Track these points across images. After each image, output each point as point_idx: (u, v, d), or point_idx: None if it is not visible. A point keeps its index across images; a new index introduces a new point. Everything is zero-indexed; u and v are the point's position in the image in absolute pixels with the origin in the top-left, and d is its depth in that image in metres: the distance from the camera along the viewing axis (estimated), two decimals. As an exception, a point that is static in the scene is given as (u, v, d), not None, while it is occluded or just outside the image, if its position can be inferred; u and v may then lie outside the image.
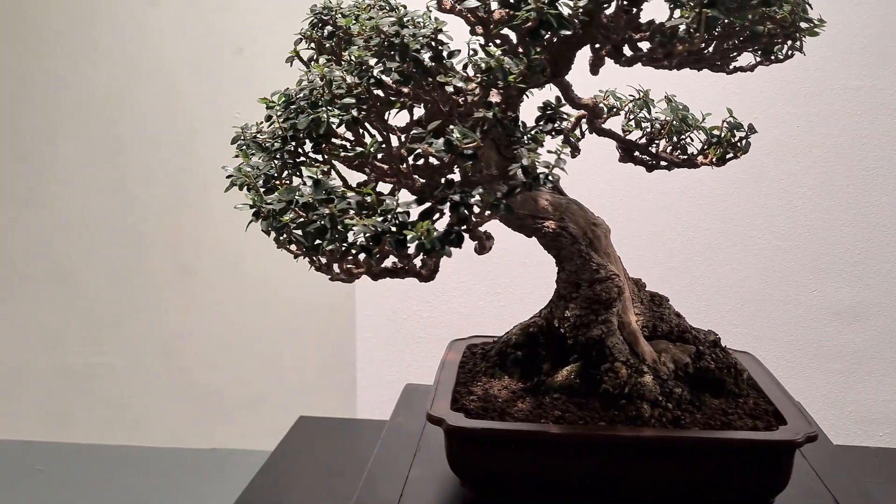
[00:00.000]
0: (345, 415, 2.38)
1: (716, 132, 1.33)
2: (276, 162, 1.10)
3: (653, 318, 1.25)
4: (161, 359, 2.45)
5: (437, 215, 0.91)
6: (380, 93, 0.98)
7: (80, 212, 2.39)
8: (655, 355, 1.19)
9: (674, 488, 1.09)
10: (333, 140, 1.15)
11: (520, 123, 0.93)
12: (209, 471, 2.44)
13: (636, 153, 1.38)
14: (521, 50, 1.00)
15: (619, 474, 1.09)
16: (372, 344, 2.35)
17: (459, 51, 0.98)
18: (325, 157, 1.15)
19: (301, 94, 1.07)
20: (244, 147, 1.17)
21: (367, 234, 0.84)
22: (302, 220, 0.99)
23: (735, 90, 2.04)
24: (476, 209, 0.89)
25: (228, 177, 1.16)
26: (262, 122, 1.25)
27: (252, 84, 2.29)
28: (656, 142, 1.35)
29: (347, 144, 1.14)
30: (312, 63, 1.29)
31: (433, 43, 0.95)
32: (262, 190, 1.03)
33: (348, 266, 0.96)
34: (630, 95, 1.36)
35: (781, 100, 2.11)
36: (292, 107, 1.10)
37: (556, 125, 0.92)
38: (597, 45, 1.03)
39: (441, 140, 0.89)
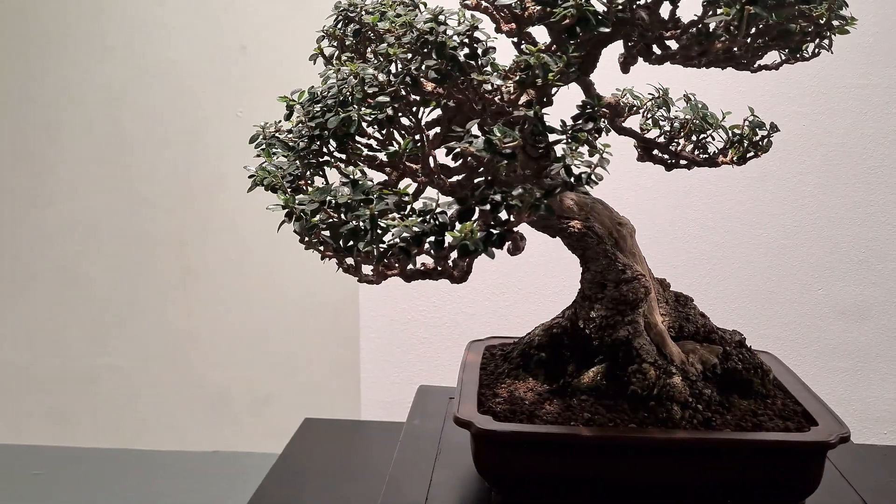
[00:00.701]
0: (349, 416, 2.36)
1: (737, 131, 1.32)
2: (299, 162, 1.08)
3: (679, 318, 1.24)
4: (166, 360, 2.43)
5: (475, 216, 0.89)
6: (412, 91, 0.96)
7: (84, 212, 2.36)
8: (683, 356, 1.18)
9: (705, 491, 1.08)
10: (358, 140, 1.14)
11: (560, 122, 0.91)
12: (215, 474, 2.41)
13: (655, 152, 1.37)
14: (554, 48, 0.98)
15: (649, 477, 1.08)
16: (376, 345, 2.33)
17: (494, 48, 0.96)
18: (349, 157, 1.14)
19: (330, 92, 1.05)
20: (266, 146, 1.15)
21: (409, 236, 0.82)
22: (332, 220, 0.98)
23: (740, 89, 2.03)
24: (516, 210, 0.88)
25: (251, 177, 1.14)
26: (279, 121, 1.23)
27: (256, 83, 2.27)
28: (676, 140, 1.35)
29: (373, 144, 1.12)
30: (335, 61, 1.27)
31: (468, 40, 0.93)
32: (289, 190, 1.01)
33: (381, 268, 0.94)
34: (649, 94, 1.35)
35: (787, 99, 2.12)
36: (318, 105, 1.08)
37: (596, 124, 0.90)
38: (630, 43, 1.02)
39: (481, 139, 0.88)
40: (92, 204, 2.36)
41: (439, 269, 0.96)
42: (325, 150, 1.11)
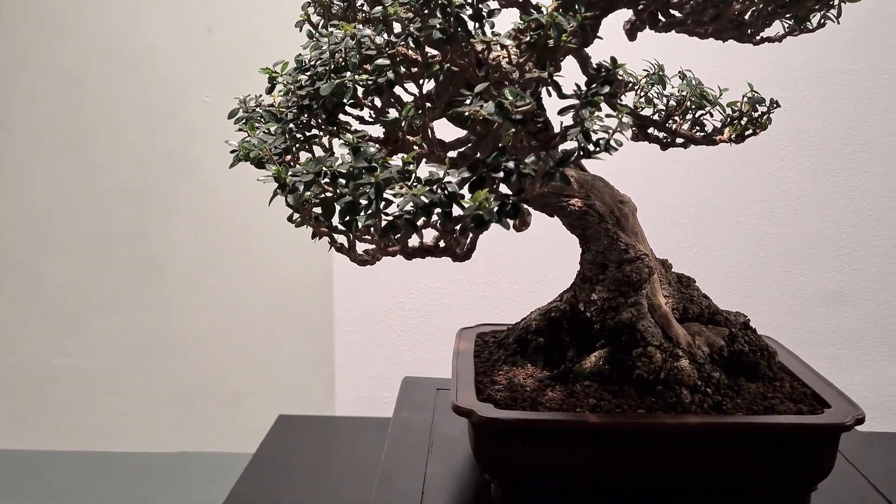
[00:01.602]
0: (324, 412, 2.28)
1: (735, 107, 1.28)
2: (287, 135, 1.01)
3: (682, 299, 1.20)
4: (128, 359, 2.31)
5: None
6: (413, 55, 0.90)
7: (40, 203, 2.24)
8: (689, 338, 1.13)
9: (718, 478, 1.03)
10: (349, 112, 1.07)
11: (574, 85, 0.86)
12: (182, 476, 2.31)
13: (651, 130, 1.32)
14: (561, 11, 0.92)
15: (659, 465, 1.03)
16: (352, 339, 2.25)
17: (499, 10, 0.90)
18: (338, 131, 1.07)
19: (322, 58, 0.98)
20: (250, 119, 1.07)
21: (419, 206, 0.75)
22: (326, 195, 0.91)
23: (722, 73, 1.99)
24: (528, 179, 0.82)
25: (233, 152, 1.06)
26: (260, 96, 1.16)
27: (223, 67, 2.18)
28: (673, 118, 1.30)
29: (366, 116, 1.05)
30: (320, 29, 1.20)
31: (474, 1, 0.87)
32: (279, 162, 0.93)
33: (382, 244, 0.87)
34: (644, 70, 1.30)
35: (768, 83, 2.08)
36: (307, 73, 1.01)
37: (612, 87, 0.85)
38: (640, 7, 0.96)
39: (491, 103, 0.81)
40: (48, 195, 2.24)
41: (443, 245, 0.89)
42: (313, 122, 1.04)
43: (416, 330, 2.24)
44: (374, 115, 1.04)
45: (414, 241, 0.91)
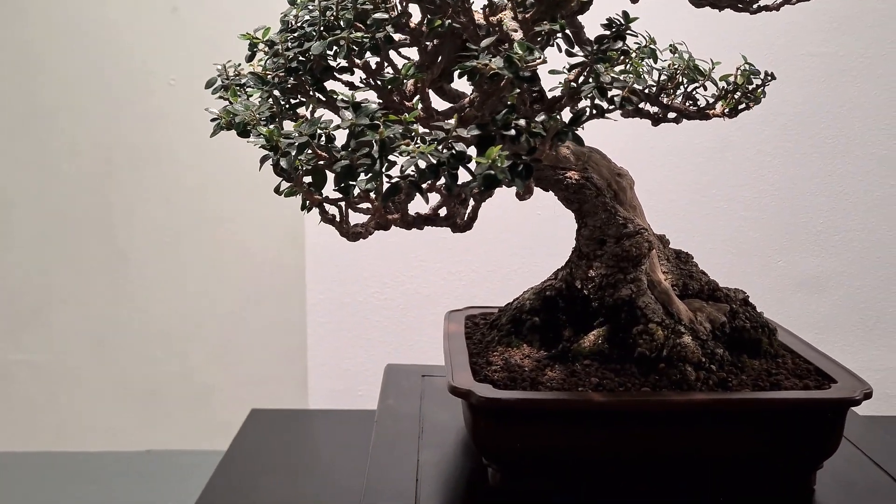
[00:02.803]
0: (296, 406, 2.21)
1: (730, 80, 1.25)
2: (272, 100, 0.95)
3: (682, 275, 1.16)
4: (89, 354, 2.21)
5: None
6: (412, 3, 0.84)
7: (-6, 190, 2.13)
8: (691, 315, 1.10)
9: (724, 456, 1.00)
10: (336, 76, 1.01)
11: (586, 40, 0.81)
12: (149, 475, 2.22)
13: (642, 105, 1.28)
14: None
15: (664, 442, 0.99)
16: (325, 330, 2.19)
17: (502, -36, 0.85)
18: (326, 97, 1.01)
19: (307, 19, 0.92)
20: (230, 87, 1.01)
21: (427, 166, 0.70)
22: (318, 160, 0.85)
23: (698, 55, 1.98)
24: (539, 138, 0.77)
25: (213, 119, 1.00)
26: (240, 64, 1.10)
27: (189, 48, 2.10)
28: (666, 91, 1.26)
29: (356, 82, 1.00)
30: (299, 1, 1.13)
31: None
32: (268, 126, 0.87)
33: (382, 212, 0.82)
34: (635, 43, 1.26)
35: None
36: (294, 34, 0.95)
37: (624, 42, 0.80)
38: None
39: (499, 58, 0.76)
40: (2, 181, 2.14)
41: (448, 213, 0.84)
42: (300, 88, 0.98)
43: (391, 320, 2.18)
44: (365, 79, 0.99)
45: (414, 208, 0.86)
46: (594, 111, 0.77)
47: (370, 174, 0.75)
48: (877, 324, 2.17)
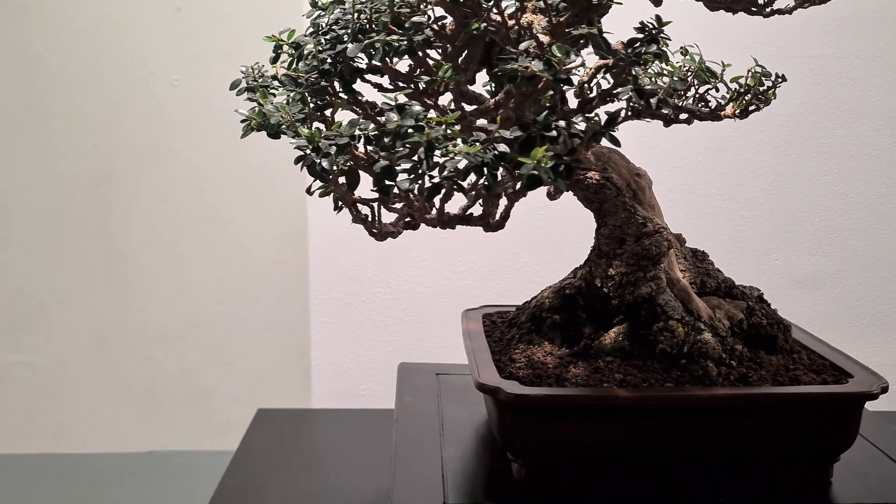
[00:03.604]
0: (298, 405, 2.21)
1: (740, 81, 1.27)
2: (304, 102, 0.96)
3: (699, 273, 1.18)
4: (89, 354, 2.20)
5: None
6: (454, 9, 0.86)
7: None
8: (710, 312, 1.12)
9: (744, 450, 1.02)
10: (367, 77, 1.02)
11: (619, 43, 0.83)
12: (150, 476, 2.22)
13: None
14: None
15: (688, 437, 1.01)
16: (328, 330, 2.19)
17: (536, -32, 0.87)
18: (354, 99, 1.02)
19: (344, 18, 0.93)
20: (261, 88, 1.02)
21: (474, 165, 0.72)
22: (355, 161, 0.86)
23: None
24: (577, 139, 0.79)
25: (243, 121, 1.01)
26: (262, 65, 1.10)
27: (192, 48, 2.09)
28: (678, 93, 1.29)
29: (384, 83, 1.01)
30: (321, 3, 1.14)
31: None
32: (302, 128, 0.88)
33: (422, 210, 0.83)
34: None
35: (742, 68, 2.11)
36: (326, 37, 0.96)
37: (658, 46, 0.82)
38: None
39: (538, 60, 0.78)
40: (1, 182, 2.12)
41: (483, 212, 0.86)
42: (330, 90, 0.99)
43: (393, 320, 2.19)
44: (392, 81, 1.00)
45: (449, 207, 0.87)
46: (629, 112, 0.78)
47: (413, 174, 0.77)
48: (871, 321, 2.21)
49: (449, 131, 0.77)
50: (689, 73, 1.28)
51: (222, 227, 2.17)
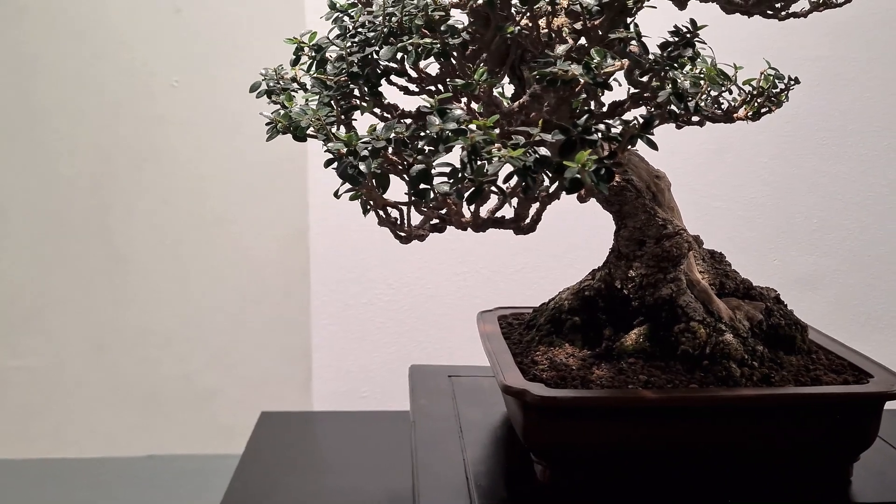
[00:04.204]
0: (300, 408, 2.20)
1: (753, 83, 1.28)
2: (333, 104, 0.96)
3: (718, 275, 1.19)
4: (89, 358, 2.18)
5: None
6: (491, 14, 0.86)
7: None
8: (730, 313, 1.13)
9: (767, 449, 1.03)
10: (393, 79, 1.02)
11: (657, 46, 0.83)
12: (151, 480, 2.20)
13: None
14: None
15: (711, 437, 1.02)
16: (329, 332, 2.18)
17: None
18: (378, 102, 1.02)
19: (376, 22, 0.93)
20: (286, 90, 1.02)
21: (517, 169, 0.72)
22: (388, 165, 0.86)
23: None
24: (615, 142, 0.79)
25: (268, 124, 1.00)
26: (281, 67, 1.10)
27: (193, 49, 2.08)
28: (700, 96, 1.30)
29: (411, 87, 1.01)
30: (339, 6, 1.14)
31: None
32: (338, 132, 0.88)
33: (461, 213, 0.83)
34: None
35: (742, 71, 2.12)
36: (355, 40, 0.96)
37: (694, 50, 0.83)
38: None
39: (576, 65, 0.78)
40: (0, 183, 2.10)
41: (516, 215, 0.86)
42: (356, 93, 0.99)
43: (395, 322, 2.19)
44: (420, 84, 1.00)
45: (483, 210, 0.87)
46: (668, 116, 0.78)
47: (453, 178, 0.77)
48: (868, 320, 2.24)
49: (489, 134, 0.77)
50: (703, 77, 1.29)
51: (223, 228, 2.16)
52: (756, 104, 1.30)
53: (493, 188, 0.77)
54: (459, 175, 0.75)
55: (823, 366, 1.11)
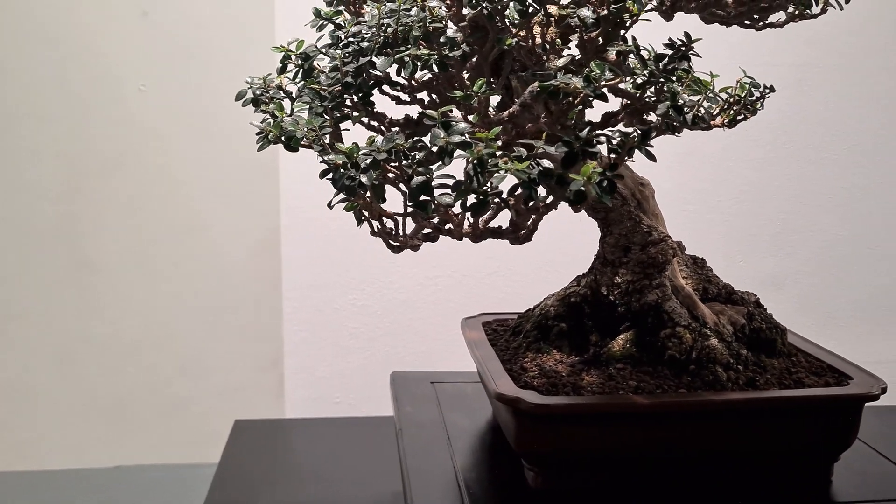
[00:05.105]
0: (272, 415, 2.18)
1: (729, 91, 1.31)
2: (326, 114, 0.95)
3: (701, 280, 1.21)
4: (55, 368, 2.13)
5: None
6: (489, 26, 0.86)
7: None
8: (715, 318, 1.15)
9: (752, 451, 1.06)
10: (385, 91, 1.02)
11: (652, 56, 0.85)
12: (119, 491, 2.15)
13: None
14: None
15: (700, 441, 1.04)
16: (301, 338, 2.17)
17: (567, -17, 0.88)
18: (369, 111, 1.02)
19: (363, 34, 0.92)
20: (274, 99, 1.01)
21: (522, 181, 0.72)
22: (383, 177, 0.86)
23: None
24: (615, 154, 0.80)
25: (259, 133, 0.99)
26: (270, 75, 1.09)
27: (160, 53, 2.05)
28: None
29: (402, 96, 1.01)
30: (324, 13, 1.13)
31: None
32: (339, 144, 0.88)
33: (457, 226, 0.83)
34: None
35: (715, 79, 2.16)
36: (348, 49, 0.95)
37: (689, 63, 0.84)
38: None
39: (576, 77, 0.79)
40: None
41: (514, 225, 0.86)
42: (348, 103, 0.99)
43: (368, 327, 2.18)
44: (412, 94, 1.00)
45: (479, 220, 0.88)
46: (666, 127, 0.80)
47: (457, 190, 0.77)
48: (829, 319, 2.30)
49: (491, 147, 0.77)
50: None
51: (193, 234, 2.13)
52: (731, 112, 1.33)
53: (497, 200, 0.77)
54: (464, 187, 0.76)
55: (804, 368, 1.14)
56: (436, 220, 0.87)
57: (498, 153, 0.76)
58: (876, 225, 2.27)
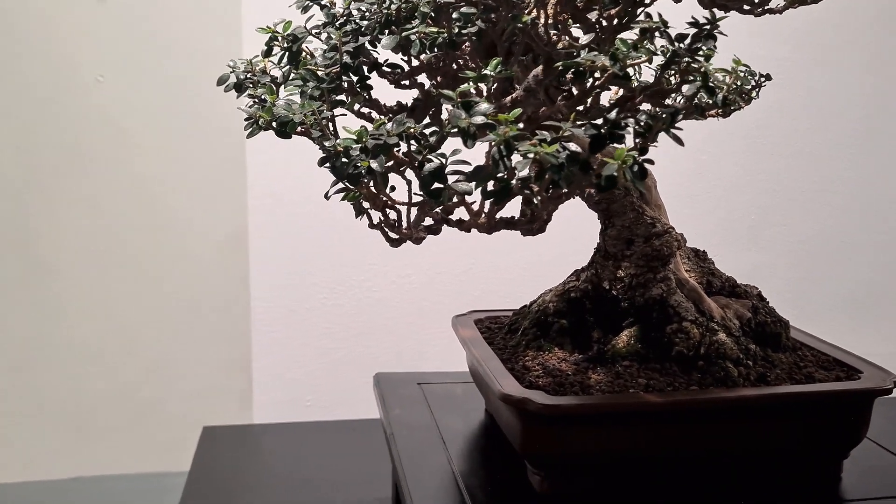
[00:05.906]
0: (240, 420, 2.09)
1: (727, 81, 1.28)
2: (324, 98, 0.89)
3: (704, 273, 1.18)
4: (7, 377, 2.01)
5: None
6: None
7: None
8: (721, 312, 1.11)
9: (763, 449, 1.02)
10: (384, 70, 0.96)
11: (676, 35, 0.80)
12: (83, 502, 2.04)
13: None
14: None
15: (711, 439, 1.00)
16: (271, 339, 2.09)
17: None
18: (366, 96, 0.96)
19: (364, 11, 0.86)
20: (259, 83, 0.94)
21: (551, 166, 0.67)
22: (391, 163, 0.80)
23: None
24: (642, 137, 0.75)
25: (247, 119, 0.92)
26: (256, 58, 1.02)
27: (119, 41, 1.94)
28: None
29: (402, 80, 0.95)
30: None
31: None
32: (347, 128, 0.81)
33: (475, 216, 0.78)
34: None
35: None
36: (346, 28, 0.89)
37: (714, 44, 0.80)
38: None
39: (603, 56, 0.74)
40: None
41: (530, 215, 0.81)
42: (346, 86, 0.92)
43: (340, 327, 2.11)
44: (412, 77, 0.94)
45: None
46: (695, 110, 0.75)
47: (476, 177, 0.71)
48: (802, 313, 2.29)
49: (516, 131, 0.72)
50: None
51: (156, 233, 2.03)
52: (727, 101, 1.29)
53: (528, 188, 0.71)
54: (486, 173, 0.70)
55: (812, 362, 1.11)
56: (442, 210, 0.81)
57: (528, 137, 0.70)
58: (853, 219, 2.28)
